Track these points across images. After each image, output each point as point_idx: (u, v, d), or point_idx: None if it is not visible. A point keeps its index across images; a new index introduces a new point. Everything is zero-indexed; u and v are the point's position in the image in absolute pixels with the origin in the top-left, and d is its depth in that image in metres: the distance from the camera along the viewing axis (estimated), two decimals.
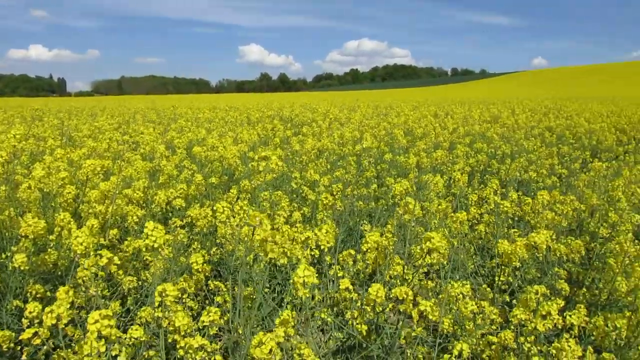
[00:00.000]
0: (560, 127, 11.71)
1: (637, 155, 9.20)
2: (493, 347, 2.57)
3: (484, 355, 2.54)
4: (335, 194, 3.60)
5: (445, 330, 2.62)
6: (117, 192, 3.83)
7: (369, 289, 2.26)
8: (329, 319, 2.78)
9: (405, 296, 2.20)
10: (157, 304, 2.07)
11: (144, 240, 2.21)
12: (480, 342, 2.57)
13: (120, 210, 3.99)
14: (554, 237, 3.72)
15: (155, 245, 2.18)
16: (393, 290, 2.28)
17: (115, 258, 2.15)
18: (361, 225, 4.64)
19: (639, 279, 2.50)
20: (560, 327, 2.36)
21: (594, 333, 2.62)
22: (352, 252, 3.22)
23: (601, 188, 5.45)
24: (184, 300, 2.79)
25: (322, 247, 2.26)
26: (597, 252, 3.73)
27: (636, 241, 3.62)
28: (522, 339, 2.34)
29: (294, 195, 5.49)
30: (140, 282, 3.29)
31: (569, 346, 2.20)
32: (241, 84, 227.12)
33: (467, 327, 2.70)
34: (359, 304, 2.66)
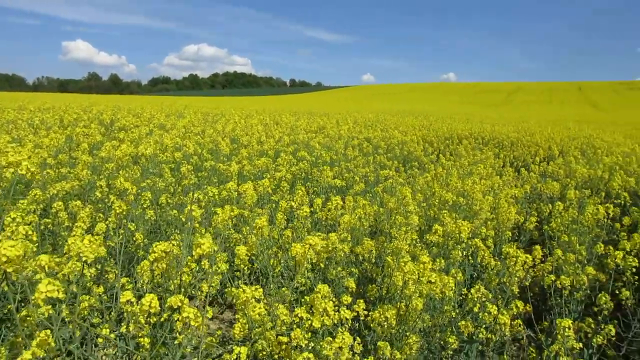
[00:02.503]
0: (377, 138, 12.86)
1: (436, 164, 10.51)
2: (283, 346, 2.67)
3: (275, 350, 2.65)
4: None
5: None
6: None
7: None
8: None
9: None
10: None
11: None
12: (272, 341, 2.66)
13: None
14: (346, 237, 4.02)
15: None
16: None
17: None
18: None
19: (408, 273, 2.80)
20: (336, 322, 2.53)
21: (371, 324, 2.86)
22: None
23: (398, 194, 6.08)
24: None
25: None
26: (386, 251, 4.12)
27: (414, 240, 4.09)
28: (298, 332, 2.46)
29: (100, 205, 5.05)
30: None
31: (343, 338, 2.38)
32: (64, 83, 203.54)
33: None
34: None
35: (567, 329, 2.60)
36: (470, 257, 4.27)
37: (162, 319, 2.54)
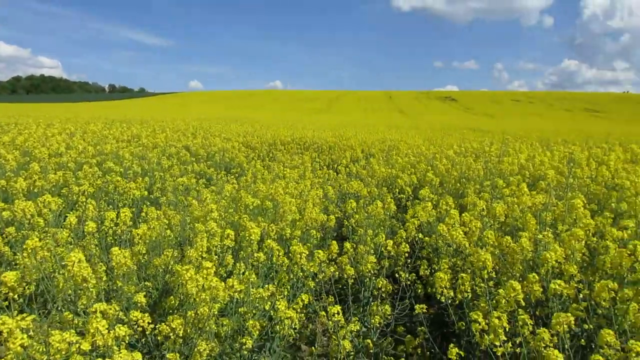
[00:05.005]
0: (196, 146, 12.61)
1: (255, 169, 10.70)
2: None
3: None
4: None
5: None
6: None
7: None
8: None
9: None
10: None
11: None
12: None
13: None
14: (140, 250, 3.84)
15: None
16: None
17: None
18: None
19: (190, 280, 2.78)
20: None
21: (159, 337, 2.77)
22: None
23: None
24: None
25: None
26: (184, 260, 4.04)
27: (215, 246, 4.09)
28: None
29: None
30: None
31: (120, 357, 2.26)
32: None
33: None
34: None
35: (336, 314, 2.86)
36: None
37: None
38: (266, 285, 3.31)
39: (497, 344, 2.32)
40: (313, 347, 4.86)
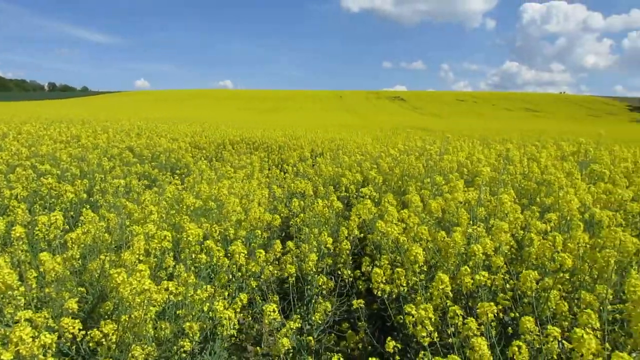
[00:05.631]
0: (140, 147, 12.25)
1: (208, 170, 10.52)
2: None
3: None
4: None
5: None
6: None
7: None
8: None
9: None
10: None
11: None
12: None
13: None
14: (74, 254, 3.71)
15: None
16: None
17: None
18: None
19: (123, 284, 2.71)
20: None
21: (91, 344, 2.69)
22: None
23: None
24: None
25: None
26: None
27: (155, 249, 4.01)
28: None
29: None
30: None
31: None
32: None
33: None
34: None
35: (272, 312, 2.89)
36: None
37: None
38: (204, 286, 3.27)
39: (424, 334, 2.41)
40: (258, 347, 4.86)
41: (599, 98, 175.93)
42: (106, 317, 3.33)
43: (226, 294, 3.81)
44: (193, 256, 3.79)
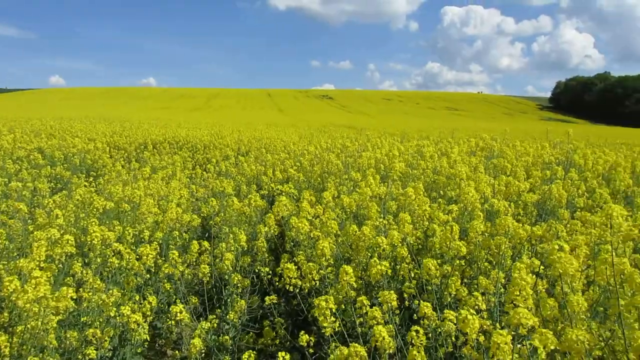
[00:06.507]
0: (52, 148, 11.56)
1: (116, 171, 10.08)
2: None
3: None
4: None
5: None
6: None
7: None
8: None
9: None
10: None
11: None
12: None
13: None
14: None
15: None
16: None
17: None
18: None
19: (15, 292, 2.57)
20: None
21: None
22: None
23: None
24: None
25: None
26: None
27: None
28: None
29: None
30: None
31: None
32: None
33: None
34: None
35: (179, 313, 2.86)
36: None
37: None
38: (111, 290, 3.16)
39: (325, 325, 2.50)
40: (178, 351, 4.76)
41: (512, 98, 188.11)
42: (2, 329, 3.13)
43: (137, 297, 3.70)
44: (99, 260, 3.65)
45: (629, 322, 2.23)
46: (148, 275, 3.86)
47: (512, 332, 2.03)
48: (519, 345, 1.98)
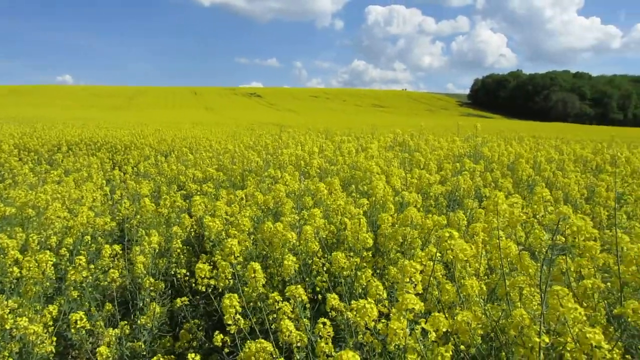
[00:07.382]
0: None
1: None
2: None
3: None
4: None
5: None
6: None
7: None
8: None
9: None
10: None
11: None
12: None
13: None
14: None
15: None
16: None
17: None
18: None
19: None
20: None
21: None
22: None
23: None
24: None
25: None
26: None
27: None
28: None
29: None
30: None
31: None
32: None
33: None
34: None
35: (79, 320, 2.74)
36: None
37: None
38: (4, 302, 2.96)
39: (230, 322, 2.50)
40: None
41: (434, 95, 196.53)
42: None
43: (38, 307, 3.49)
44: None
45: (515, 301, 2.42)
46: (48, 284, 3.64)
47: (410, 318, 2.13)
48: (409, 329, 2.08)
